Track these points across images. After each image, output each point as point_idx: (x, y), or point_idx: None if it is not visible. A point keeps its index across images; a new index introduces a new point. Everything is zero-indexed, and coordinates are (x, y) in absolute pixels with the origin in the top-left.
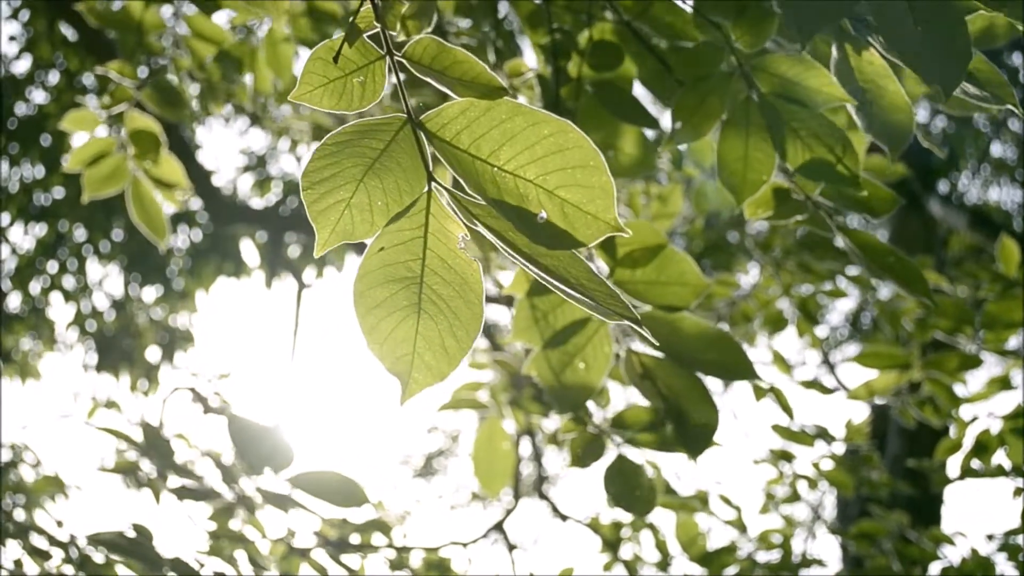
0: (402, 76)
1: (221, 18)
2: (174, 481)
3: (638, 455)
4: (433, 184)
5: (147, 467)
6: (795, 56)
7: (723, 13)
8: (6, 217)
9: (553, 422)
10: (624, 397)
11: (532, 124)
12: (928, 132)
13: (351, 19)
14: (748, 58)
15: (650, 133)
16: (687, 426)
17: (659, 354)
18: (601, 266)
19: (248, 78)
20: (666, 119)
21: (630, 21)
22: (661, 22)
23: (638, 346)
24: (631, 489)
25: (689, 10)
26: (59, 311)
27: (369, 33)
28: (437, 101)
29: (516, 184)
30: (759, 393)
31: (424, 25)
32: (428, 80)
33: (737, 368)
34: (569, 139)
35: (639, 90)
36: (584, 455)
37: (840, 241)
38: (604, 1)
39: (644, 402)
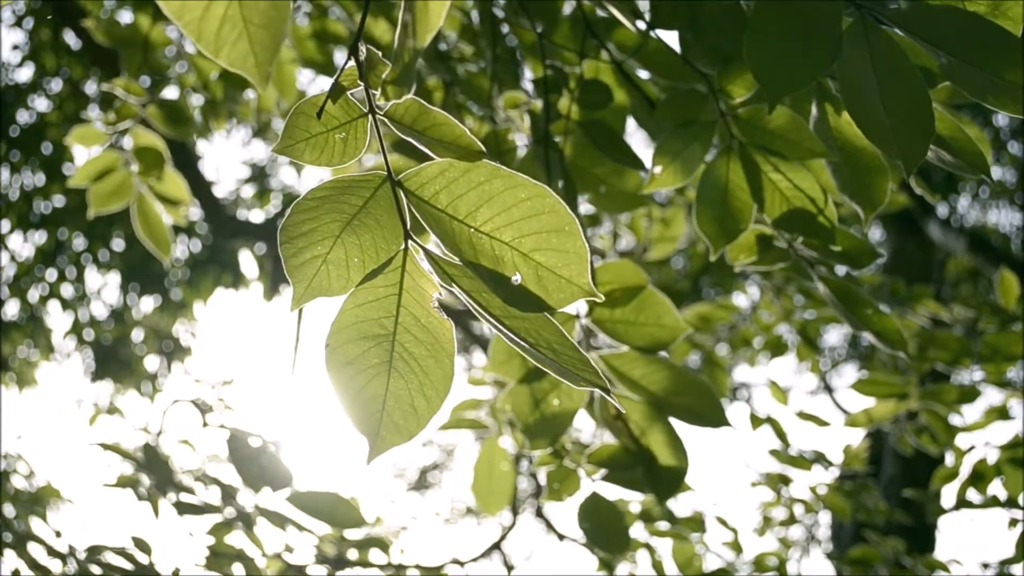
0: (383, 135)
1: None
2: (173, 495)
3: (614, 492)
4: (410, 242)
5: (147, 481)
6: (777, 109)
7: (710, 63)
8: (6, 224)
9: None
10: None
11: (510, 187)
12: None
13: (335, 77)
14: (732, 108)
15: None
16: (656, 470)
17: (634, 396)
18: (580, 304)
19: (250, 94)
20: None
21: (621, 61)
22: (653, 61)
23: (614, 386)
24: (605, 528)
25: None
26: (57, 319)
27: (353, 91)
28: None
29: (492, 246)
30: (755, 422)
31: (404, 91)
32: (408, 140)
33: (709, 415)
34: (545, 203)
35: (632, 124)
36: (561, 489)
37: (821, 289)
38: (597, 41)
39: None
